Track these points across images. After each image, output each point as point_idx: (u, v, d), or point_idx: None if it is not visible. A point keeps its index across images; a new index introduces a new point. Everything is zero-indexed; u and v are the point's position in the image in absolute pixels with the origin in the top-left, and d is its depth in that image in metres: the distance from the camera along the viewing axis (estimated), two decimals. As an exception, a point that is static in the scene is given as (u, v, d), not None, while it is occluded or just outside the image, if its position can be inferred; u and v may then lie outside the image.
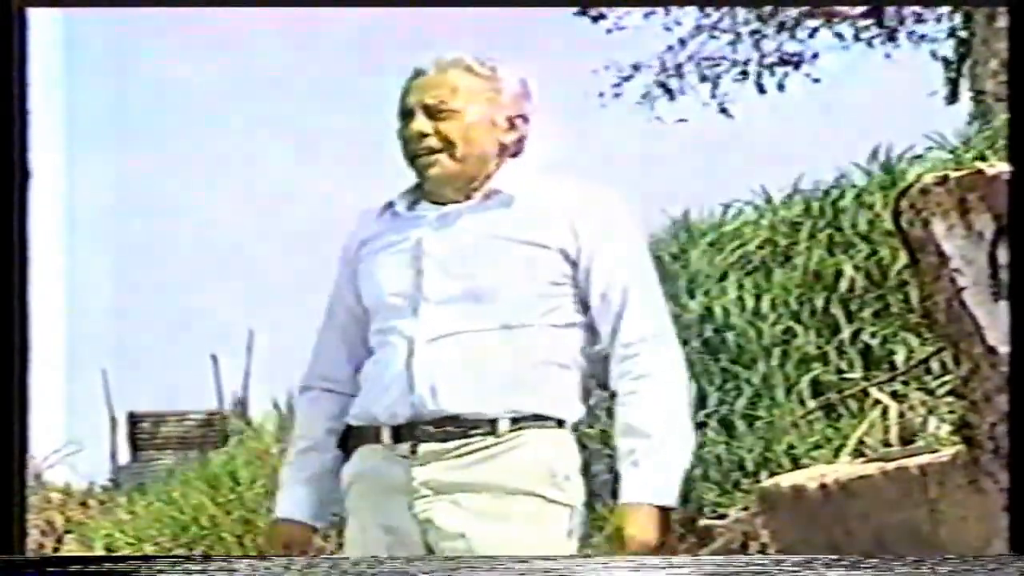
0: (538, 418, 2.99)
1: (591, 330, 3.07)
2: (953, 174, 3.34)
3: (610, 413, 3.06)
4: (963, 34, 13.12)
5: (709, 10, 14.05)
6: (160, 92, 14.18)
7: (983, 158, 7.41)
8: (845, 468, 4.27)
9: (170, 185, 15.33)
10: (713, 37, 14.20)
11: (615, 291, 3.03)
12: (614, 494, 3.01)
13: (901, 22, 13.88)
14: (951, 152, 8.58)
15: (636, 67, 14.28)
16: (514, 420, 2.98)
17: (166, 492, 11.07)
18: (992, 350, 3.22)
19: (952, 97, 13.43)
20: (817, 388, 7.01)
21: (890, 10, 13.76)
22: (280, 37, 14.27)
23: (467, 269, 3.03)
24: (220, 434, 12.48)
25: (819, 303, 7.49)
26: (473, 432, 2.98)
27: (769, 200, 9.01)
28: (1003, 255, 3.21)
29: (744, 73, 14.23)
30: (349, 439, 3.13)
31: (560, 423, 3.01)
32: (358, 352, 3.18)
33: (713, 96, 14.26)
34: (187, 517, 9.99)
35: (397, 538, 3.01)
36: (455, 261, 3.04)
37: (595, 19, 14.01)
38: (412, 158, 3.10)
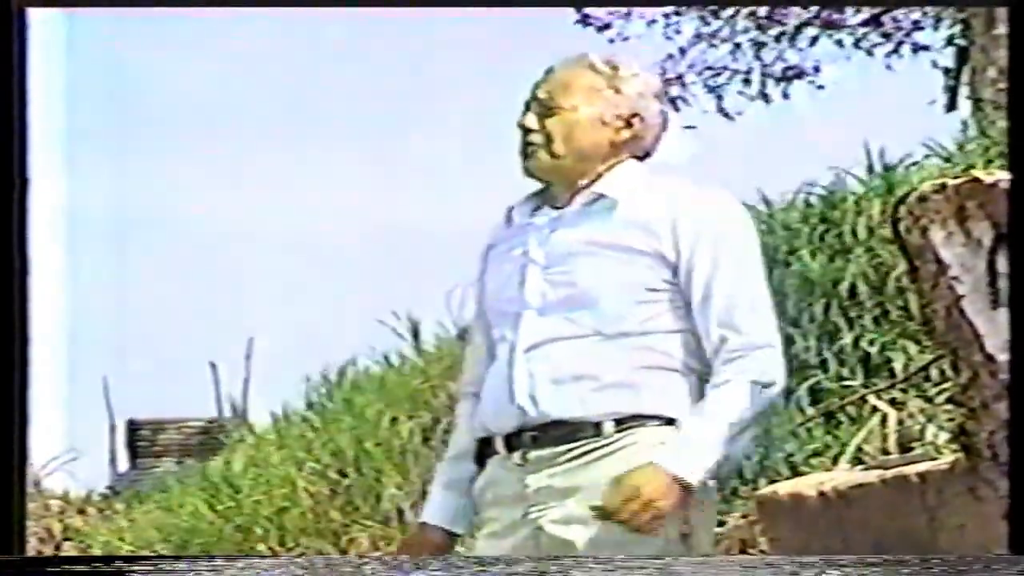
0: (644, 418, 2.99)
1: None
2: (951, 182, 3.34)
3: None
4: (962, 42, 13.13)
5: (709, 19, 14.05)
6: (159, 95, 14.18)
7: (981, 166, 7.41)
8: (844, 476, 4.27)
9: (170, 191, 15.32)
10: (713, 46, 14.20)
11: (717, 298, 3.00)
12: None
13: (901, 31, 13.87)
14: (949, 160, 8.58)
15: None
16: (618, 422, 2.98)
17: (165, 499, 11.06)
18: (991, 358, 3.22)
19: (951, 105, 13.43)
20: (816, 395, 7.01)
21: (889, 18, 13.77)
22: (280, 38, 14.27)
23: (566, 277, 3.03)
24: (219, 441, 12.47)
25: (818, 310, 7.49)
26: (579, 436, 2.98)
27: (769, 206, 9.01)
28: (1002, 263, 3.21)
29: (745, 81, 14.23)
30: (481, 451, 3.14)
31: (669, 422, 2.99)
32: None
33: (720, 106, 14.26)
34: (186, 524, 9.98)
35: (515, 545, 3.01)
36: (555, 269, 3.05)
37: (600, 29, 14.01)
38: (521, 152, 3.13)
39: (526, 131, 3.09)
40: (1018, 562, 2.81)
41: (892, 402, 6.29)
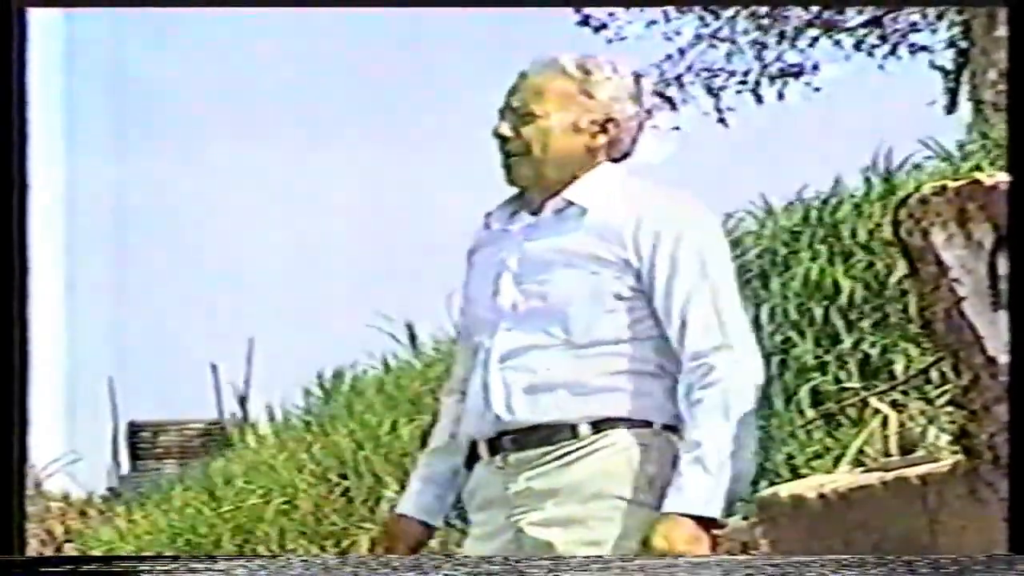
0: (619, 421, 2.99)
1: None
2: (952, 184, 3.34)
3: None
4: (962, 44, 13.13)
5: (709, 20, 14.05)
6: (159, 97, 14.19)
7: (981, 168, 7.42)
8: (844, 478, 4.27)
9: (170, 193, 15.33)
10: (713, 47, 14.20)
11: (676, 300, 3.00)
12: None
13: (901, 32, 13.88)
14: (949, 162, 8.59)
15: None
16: (594, 424, 2.99)
17: (165, 501, 11.06)
18: (992, 360, 3.22)
19: (951, 107, 13.45)
20: (816, 398, 7.01)
21: (890, 20, 13.77)
22: (280, 38, 14.27)
23: (538, 287, 3.04)
24: (220, 443, 12.47)
25: (818, 313, 7.49)
26: (557, 438, 2.99)
27: (769, 210, 9.01)
28: (1002, 265, 3.21)
29: (744, 83, 14.23)
30: (469, 454, 3.15)
31: (646, 424, 3.00)
32: None
33: (716, 107, 14.26)
34: (186, 526, 9.99)
35: (500, 548, 3.02)
36: (528, 278, 3.05)
37: (597, 29, 14.01)
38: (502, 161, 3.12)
39: (503, 139, 3.08)
40: (1018, 562, 2.81)
41: (893, 404, 6.28)
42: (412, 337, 10.89)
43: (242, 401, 14.99)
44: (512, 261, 3.07)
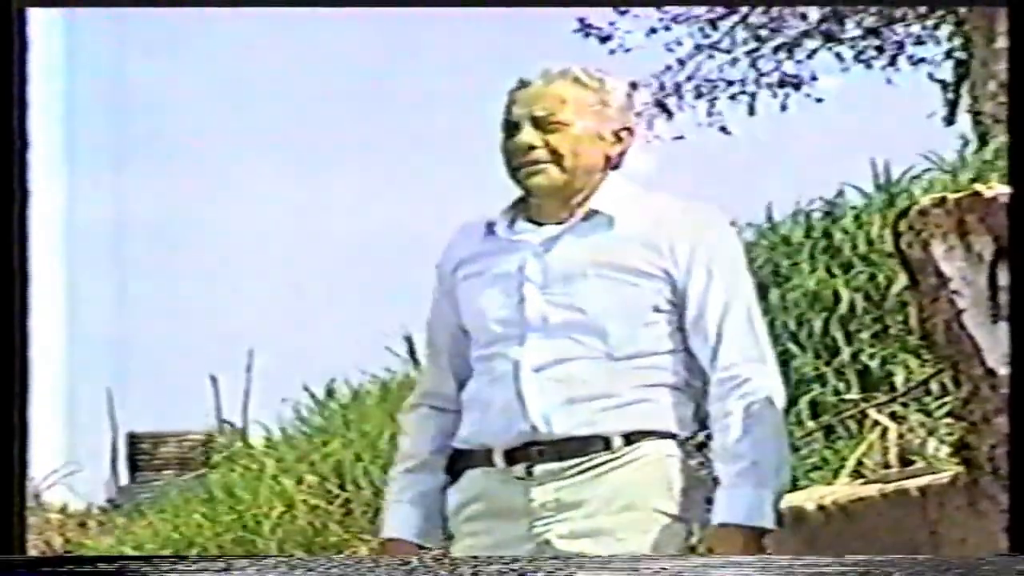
0: (650, 433, 2.99)
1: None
2: (951, 196, 3.35)
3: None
4: (961, 56, 13.14)
5: (708, 30, 14.06)
6: (160, 105, 14.19)
7: (981, 179, 7.42)
8: (844, 489, 4.28)
9: (171, 203, 15.32)
10: (712, 57, 14.20)
11: (711, 313, 3.00)
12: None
13: (900, 44, 13.89)
14: (949, 173, 8.59)
15: (634, 86, 14.24)
16: (626, 436, 2.99)
17: (165, 512, 11.05)
18: (991, 372, 3.22)
19: (950, 119, 13.45)
20: (815, 409, 7.01)
21: (888, 31, 13.78)
22: (282, 49, 14.28)
23: (570, 299, 3.02)
24: (219, 454, 12.47)
25: (817, 324, 7.49)
26: (588, 450, 2.98)
27: (770, 221, 9.02)
28: (1002, 277, 3.21)
29: (743, 93, 14.24)
30: (456, 462, 3.12)
31: (673, 436, 3.00)
32: (462, 372, 3.16)
33: (711, 116, 14.26)
34: (186, 537, 9.98)
35: None
36: (556, 289, 3.03)
37: (603, 40, 14.02)
38: (516, 170, 3.08)
39: (527, 148, 3.06)
40: (1018, 562, 2.80)
41: (892, 416, 6.28)
42: (411, 349, 10.89)
43: (242, 412, 14.99)
44: (532, 271, 3.05)
